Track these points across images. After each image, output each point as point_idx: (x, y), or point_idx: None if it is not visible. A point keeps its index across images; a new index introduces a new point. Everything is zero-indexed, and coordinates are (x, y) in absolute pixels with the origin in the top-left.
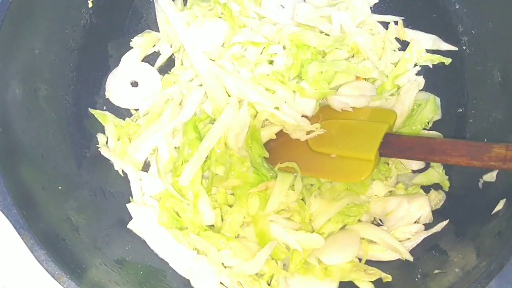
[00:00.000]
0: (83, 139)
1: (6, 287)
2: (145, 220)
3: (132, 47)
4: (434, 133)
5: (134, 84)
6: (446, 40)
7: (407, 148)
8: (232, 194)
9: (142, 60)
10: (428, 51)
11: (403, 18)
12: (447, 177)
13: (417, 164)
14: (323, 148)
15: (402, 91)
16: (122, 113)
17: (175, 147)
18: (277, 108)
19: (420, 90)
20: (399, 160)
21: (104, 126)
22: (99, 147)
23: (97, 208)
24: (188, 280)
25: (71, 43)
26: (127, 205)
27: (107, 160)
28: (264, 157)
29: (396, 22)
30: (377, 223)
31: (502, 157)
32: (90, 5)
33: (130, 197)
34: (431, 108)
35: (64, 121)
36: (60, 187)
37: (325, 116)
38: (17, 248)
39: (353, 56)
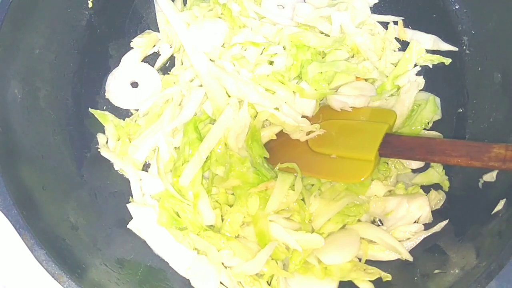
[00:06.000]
0: (83, 139)
1: (6, 287)
2: (145, 220)
3: (132, 48)
4: (434, 133)
5: (134, 84)
6: (446, 40)
7: (407, 149)
8: (233, 194)
9: (142, 61)
10: (428, 51)
11: (403, 18)
12: (447, 177)
13: (416, 163)
14: (323, 149)
15: (402, 92)
16: (122, 113)
17: (175, 147)
18: (277, 108)
19: (420, 90)
20: (399, 159)
21: (104, 126)
22: (99, 148)
23: (97, 208)
24: (188, 280)
25: (71, 43)
26: (127, 205)
27: (107, 160)
28: (265, 157)
29: (396, 22)
30: (377, 223)
31: (502, 158)
32: (90, 5)
33: (130, 197)
34: (431, 108)
35: (64, 121)
36: (60, 187)
37: (325, 116)
38: (17, 248)
39: (353, 57)
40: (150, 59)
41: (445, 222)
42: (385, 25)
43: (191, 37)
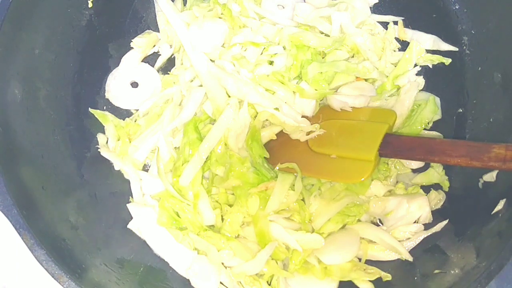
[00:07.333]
0: (83, 139)
1: (6, 287)
2: (145, 220)
3: (132, 48)
4: (434, 133)
5: (134, 84)
6: (446, 40)
7: (407, 149)
8: (233, 194)
9: (142, 61)
10: (428, 51)
11: (403, 18)
12: (447, 177)
13: (416, 163)
14: (323, 149)
15: (402, 92)
16: (122, 113)
17: (175, 147)
18: (277, 108)
19: (420, 90)
20: (399, 159)
21: (104, 126)
22: (99, 148)
23: (97, 208)
24: (188, 280)
25: (71, 43)
26: (127, 205)
27: (107, 160)
28: (265, 157)
29: (396, 22)
30: (377, 223)
31: (502, 158)
32: (90, 5)
33: (130, 197)
34: (431, 108)
35: (64, 121)
36: (60, 187)
37: (325, 116)
38: (17, 248)
39: (353, 57)
40: (150, 59)
41: (445, 222)
42: (385, 25)
43: (191, 37)
